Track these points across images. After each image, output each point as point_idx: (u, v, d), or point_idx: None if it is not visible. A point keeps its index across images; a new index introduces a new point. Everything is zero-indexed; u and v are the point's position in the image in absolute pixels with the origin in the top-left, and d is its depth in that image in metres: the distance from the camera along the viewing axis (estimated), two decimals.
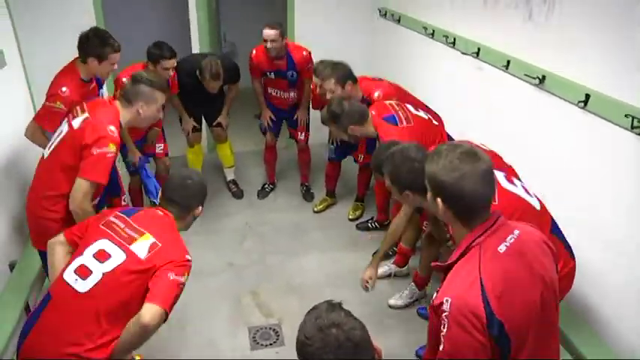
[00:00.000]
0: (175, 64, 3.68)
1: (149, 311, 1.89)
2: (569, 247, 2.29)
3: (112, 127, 2.49)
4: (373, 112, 3.24)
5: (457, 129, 3.47)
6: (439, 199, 1.56)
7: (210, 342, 3.10)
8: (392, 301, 3.36)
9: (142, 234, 2.06)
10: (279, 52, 4.03)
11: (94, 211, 2.47)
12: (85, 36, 2.98)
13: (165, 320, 1.95)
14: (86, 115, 2.53)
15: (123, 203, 2.94)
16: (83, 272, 1.97)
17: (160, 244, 2.05)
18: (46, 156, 2.63)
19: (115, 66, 3.06)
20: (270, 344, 3.08)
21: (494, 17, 3.12)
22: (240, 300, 3.45)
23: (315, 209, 4.49)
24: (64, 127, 2.60)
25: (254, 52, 4.17)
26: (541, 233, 1.67)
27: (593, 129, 2.41)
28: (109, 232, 2.07)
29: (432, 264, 1.73)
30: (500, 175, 2.21)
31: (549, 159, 2.73)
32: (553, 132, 2.70)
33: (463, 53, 3.44)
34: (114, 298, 1.94)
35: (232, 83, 4.30)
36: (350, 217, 4.37)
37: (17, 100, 3.54)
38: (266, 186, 4.80)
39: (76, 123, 2.53)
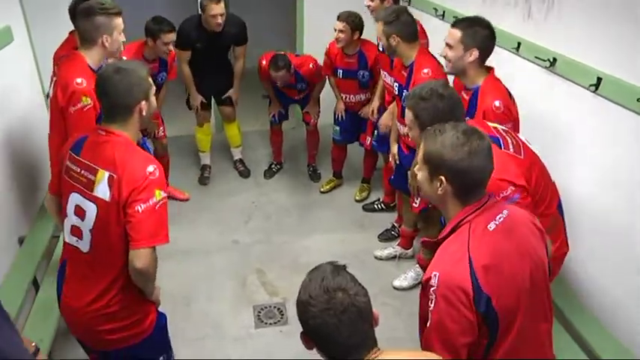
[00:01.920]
0: (175, 38, 3.65)
1: (137, 257, 1.80)
2: (566, 233, 2.24)
3: (79, 79, 2.31)
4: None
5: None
6: (442, 177, 1.53)
7: (215, 320, 3.13)
8: (397, 283, 3.38)
9: (95, 172, 1.85)
10: (287, 80, 4.07)
11: None
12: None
13: (159, 246, 1.85)
14: (55, 77, 2.44)
15: None
16: (77, 233, 1.92)
17: (116, 175, 1.81)
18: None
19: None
20: (275, 323, 3.11)
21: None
22: (245, 278, 3.48)
23: (322, 190, 4.50)
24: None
25: (263, 61, 4.11)
26: (530, 214, 1.68)
27: (604, 113, 2.38)
28: (73, 182, 1.91)
29: (422, 240, 1.77)
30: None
31: (561, 142, 2.71)
32: (564, 115, 2.67)
33: None
34: (110, 250, 1.87)
35: (240, 44, 4.25)
36: (356, 198, 4.37)
37: (24, 76, 3.54)
38: (273, 166, 4.80)
39: (52, 90, 2.46)
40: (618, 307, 2.40)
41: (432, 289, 1.45)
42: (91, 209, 1.85)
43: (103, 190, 1.82)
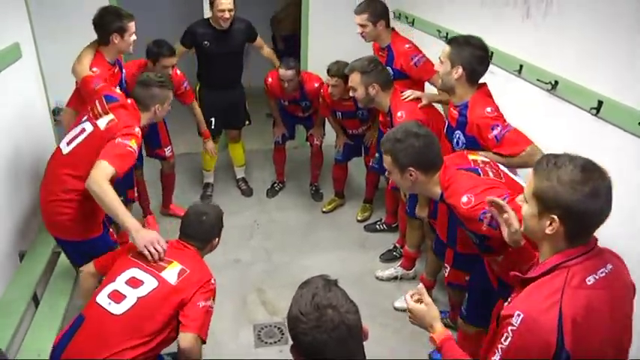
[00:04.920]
0: (175, 63, 3.69)
1: (184, 339, 2.09)
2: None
3: (137, 129, 2.59)
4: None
5: None
6: (554, 217, 1.40)
7: (215, 338, 3.10)
8: (398, 304, 3.35)
9: (169, 262, 2.23)
10: (294, 88, 4.09)
11: (112, 190, 2.32)
12: (99, 16, 3.02)
13: (203, 343, 2.17)
14: (112, 117, 2.55)
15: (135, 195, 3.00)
16: (117, 297, 2.12)
17: (188, 270, 2.21)
18: (66, 151, 2.61)
19: (134, 36, 3.10)
20: (275, 342, 3.09)
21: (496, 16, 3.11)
22: (245, 297, 3.47)
23: (324, 209, 4.49)
24: (87, 126, 2.60)
25: (269, 79, 4.17)
26: (629, 275, 1.56)
27: (605, 136, 2.39)
28: (138, 261, 2.22)
29: (512, 273, 1.56)
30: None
31: None
32: (565, 138, 2.68)
33: None
34: (149, 320, 2.09)
35: (253, 38, 4.30)
36: (358, 218, 4.36)
37: (31, 92, 3.57)
38: (275, 185, 4.81)
39: (102, 123, 2.55)
40: None
41: (511, 327, 1.37)
42: (150, 282, 2.15)
43: (170, 275, 2.18)
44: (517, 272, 1.53)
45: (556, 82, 2.65)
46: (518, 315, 1.36)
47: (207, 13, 4.29)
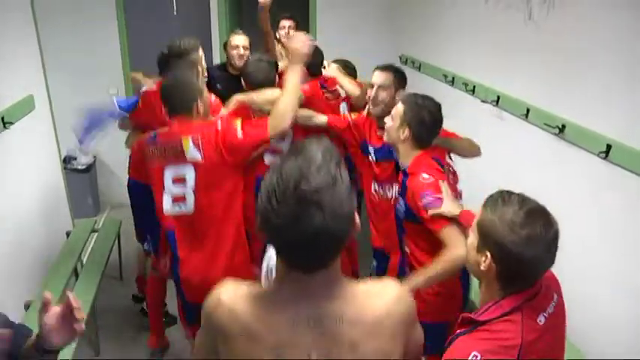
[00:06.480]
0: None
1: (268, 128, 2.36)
2: None
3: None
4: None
5: (478, 177, 3.43)
6: (488, 253, 1.37)
7: None
8: None
9: (179, 142, 2.33)
10: None
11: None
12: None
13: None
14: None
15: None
16: (179, 199, 2.35)
17: (199, 134, 2.32)
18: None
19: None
20: None
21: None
22: None
23: None
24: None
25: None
26: (562, 296, 1.52)
27: (614, 180, 2.36)
28: (163, 160, 2.36)
29: (463, 315, 1.47)
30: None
31: (570, 210, 2.67)
32: (573, 183, 2.65)
33: (483, 101, 3.44)
34: (215, 198, 2.34)
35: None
36: None
37: (43, 143, 3.64)
38: None
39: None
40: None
41: None
42: (188, 172, 2.33)
43: (193, 153, 2.31)
44: (469, 314, 1.44)
45: (563, 126, 2.65)
46: (476, 356, 1.29)
47: (216, 57, 4.35)
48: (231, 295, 1.16)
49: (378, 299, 1.15)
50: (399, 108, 2.31)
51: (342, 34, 4.99)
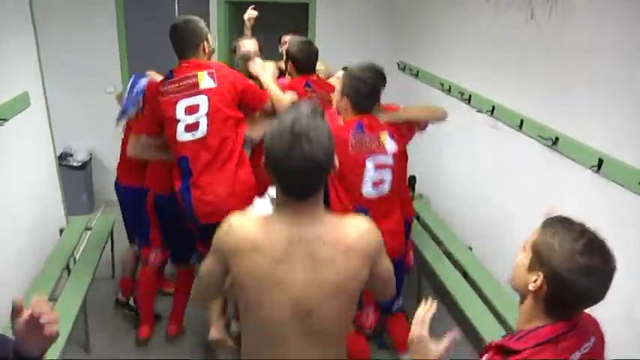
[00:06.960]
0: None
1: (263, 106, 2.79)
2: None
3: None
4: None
5: (472, 184, 3.45)
6: (541, 274, 1.33)
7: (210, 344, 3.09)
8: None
9: (195, 76, 2.58)
10: None
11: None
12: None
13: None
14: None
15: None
16: (192, 127, 2.55)
17: (213, 68, 2.62)
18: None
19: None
20: None
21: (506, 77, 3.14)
22: None
23: None
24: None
25: None
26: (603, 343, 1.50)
27: (605, 194, 2.37)
28: (178, 94, 2.56)
29: (497, 343, 1.41)
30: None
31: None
32: (565, 194, 2.67)
33: (478, 111, 3.45)
34: (227, 121, 2.59)
35: None
36: None
37: (38, 140, 3.63)
38: None
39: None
40: None
41: None
42: (201, 100, 2.56)
43: (207, 82, 2.58)
44: (504, 340, 1.40)
45: (557, 139, 2.66)
46: None
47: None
48: (241, 220, 1.53)
49: (352, 229, 1.51)
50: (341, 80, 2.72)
51: (341, 42, 5.00)
